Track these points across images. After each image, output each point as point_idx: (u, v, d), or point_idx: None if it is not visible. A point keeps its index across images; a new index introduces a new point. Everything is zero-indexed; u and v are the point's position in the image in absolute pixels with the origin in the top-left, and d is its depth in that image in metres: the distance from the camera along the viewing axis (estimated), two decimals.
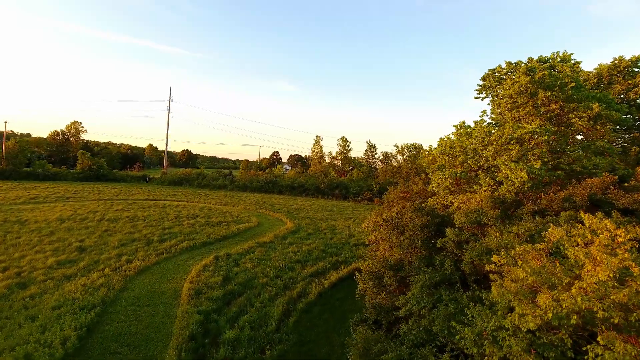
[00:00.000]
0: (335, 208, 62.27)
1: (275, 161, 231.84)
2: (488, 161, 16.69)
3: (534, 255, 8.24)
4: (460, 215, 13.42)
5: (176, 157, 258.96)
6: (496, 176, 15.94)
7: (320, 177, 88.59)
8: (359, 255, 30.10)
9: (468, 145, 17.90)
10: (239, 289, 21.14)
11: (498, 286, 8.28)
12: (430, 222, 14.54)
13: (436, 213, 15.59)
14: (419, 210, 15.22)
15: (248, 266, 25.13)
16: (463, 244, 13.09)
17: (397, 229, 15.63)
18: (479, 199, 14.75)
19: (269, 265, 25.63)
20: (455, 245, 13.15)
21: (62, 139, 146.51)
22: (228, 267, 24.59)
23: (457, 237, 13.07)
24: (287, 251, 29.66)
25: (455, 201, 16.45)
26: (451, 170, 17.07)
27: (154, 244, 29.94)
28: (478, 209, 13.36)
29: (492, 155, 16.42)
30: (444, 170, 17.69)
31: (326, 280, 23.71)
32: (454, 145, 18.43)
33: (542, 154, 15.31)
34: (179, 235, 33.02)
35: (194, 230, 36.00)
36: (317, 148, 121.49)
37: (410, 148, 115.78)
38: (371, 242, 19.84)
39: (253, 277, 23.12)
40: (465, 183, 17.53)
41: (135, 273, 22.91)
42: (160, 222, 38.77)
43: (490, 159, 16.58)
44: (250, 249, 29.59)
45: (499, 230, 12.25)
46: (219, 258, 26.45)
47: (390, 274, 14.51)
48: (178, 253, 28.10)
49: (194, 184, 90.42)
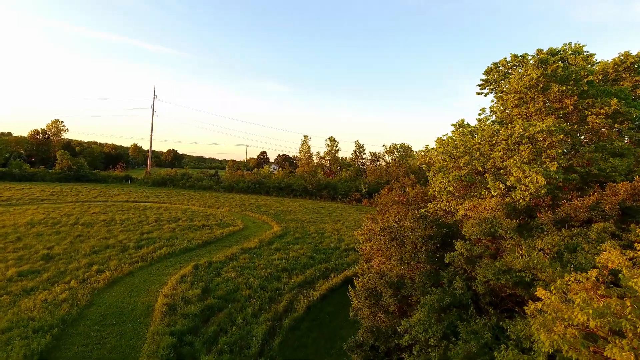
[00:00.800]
0: (323, 210, 60.41)
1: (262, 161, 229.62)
2: (496, 163, 15.00)
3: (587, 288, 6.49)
4: (471, 225, 11.67)
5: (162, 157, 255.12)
6: (506, 179, 14.27)
7: (308, 178, 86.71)
8: (350, 261, 28.37)
9: (473, 146, 16.21)
10: (219, 303, 19.16)
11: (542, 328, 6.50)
12: (435, 233, 12.78)
13: (442, 222, 13.83)
14: (422, 219, 13.44)
15: (230, 276, 23.14)
16: (476, 260, 11.35)
17: (395, 240, 13.84)
18: (488, 205, 13.04)
19: (253, 275, 23.68)
20: (466, 260, 11.40)
21: (43, 138, 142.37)
22: (208, 278, 22.58)
23: (468, 252, 11.33)
24: (273, 258, 27.73)
25: (460, 208, 14.74)
26: (455, 173, 15.33)
27: (129, 251, 27.77)
28: (491, 218, 11.64)
29: (500, 156, 14.74)
30: (447, 173, 15.96)
31: (315, 291, 21.84)
32: (457, 145, 16.71)
33: (558, 155, 13.68)
34: (157, 241, 30.87)
35: (175, 235, 33.84)
36: (305, 148, 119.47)
37: (398, 148, 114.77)
38: (365, 252, 18.01)
39: (235, 289, 21.15)
40: (470, 187, 15.83)
41: (105, 285, 20.77)
42: (139, 226, 36.53)
43: (499, 160, 14.90)
44: (233, 256, 27.58)
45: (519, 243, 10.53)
46: (199, 267, 24.42)
47: (389, 292, 12.70)
48: (155, 261, 25.98)
49: (178, 185, 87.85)
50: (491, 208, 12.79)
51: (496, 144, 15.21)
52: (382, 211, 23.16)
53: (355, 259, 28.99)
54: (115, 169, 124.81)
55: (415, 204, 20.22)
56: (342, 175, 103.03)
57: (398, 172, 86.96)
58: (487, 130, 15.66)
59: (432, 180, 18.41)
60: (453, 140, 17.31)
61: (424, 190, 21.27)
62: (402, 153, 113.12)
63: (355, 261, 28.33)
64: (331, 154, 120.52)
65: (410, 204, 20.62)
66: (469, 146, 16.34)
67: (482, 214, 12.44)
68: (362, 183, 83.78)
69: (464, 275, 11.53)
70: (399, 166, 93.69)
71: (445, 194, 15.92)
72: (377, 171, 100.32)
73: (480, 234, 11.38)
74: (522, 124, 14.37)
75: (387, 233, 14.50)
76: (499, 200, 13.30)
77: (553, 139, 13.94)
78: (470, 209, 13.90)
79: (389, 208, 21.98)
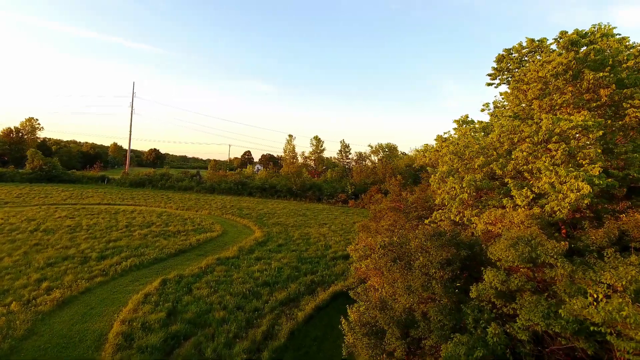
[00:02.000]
0: (308, 212, 57.60)
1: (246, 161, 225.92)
2: (518, 165, 12.45)
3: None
4: (504, 248, 9.11)
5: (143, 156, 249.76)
6: (532, 185, 11.75)
7: (292, 178, 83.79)
8: (338, 272, 25.64)
9: (487, 144, 13.65)
10: (187, 330, 16.24)
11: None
12: (454, 256, 10.18)
13: (461, 241, 11.20)
14: (437, 238, 10.81)
15: (203, 293, 20.20)
16: (514, 295, 8.77)
17: (399, 260, 11.21)
18: (517, 218, 10.51)
19: (229, 291, 20.78)
20: (498, 294, 8.81)
21: (17, 136, 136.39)
22: (177, 296, 19.62)
23: (503, 285, 8.74)
24: (253, 270, 24.84)
25: (478, 220, 12.18)
26: (469, 177, 12.74)
27: (90, 262, 24.60)
28: (526, 237, 9.10)
29: (525, 157, 12.19)
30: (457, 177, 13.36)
31: (300, 311, 19.05)
32: (468, 144, 14.14)
33: (597, 155, 11.21)
34: (124, 250, 27.71)
35: (145, 242, 30.69)
36: (289, 148, 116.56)
37: (384, 148, 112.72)
38: (360, 271, 15.24)
39: (207, 310, 18.24)
40: (484, 194, 13.31)
41: (52, 307, 17.68)
42: (107, 233, 33.24)
43: (521, 162, 12.36)
44: (208, 268, 24.61)
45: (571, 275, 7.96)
46: (167, 282, 21.42)
47: (395, 332, 10.05)
48: (119, 275, 22.89)
49: (157, 186, 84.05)
50: (521, 222, 10.25)
51: (519, 142, 12.68)
52: (375, 219, 20.52)
53: (344, 269, 26.34)
54: (92, 169, 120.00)
55: (414, 212, 17.65)
56: (328, 175, 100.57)
57: (385, 172, 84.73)
58: (508, 126, 13.06)
59: (435, 184, 15.82)
60: (464, 138, 14.74)
61: (423, 195, 18.70)
62: (387, 153, 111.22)
63: (344, 271, 25.69)
64: (316, 153, 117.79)
65: (409, 211, 18.03)
66: (483, 145, 13.77)
67: (513, 231, 9.88)
68: (348, 183, 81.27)
69: (493, 311, 8.95)
70: (386, 166, 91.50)
71: (457, 203, 13.29)
72: (364, 171, 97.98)
73: (517, 259, 8.77)
74: (550, 118, 11.83)
75: (388, 251, 11.84)
76: (529, 212, 10.74)
77: (590, 136, 11.45)
78: (492, 221, 11.34)
79: (383, 215, 19.37)
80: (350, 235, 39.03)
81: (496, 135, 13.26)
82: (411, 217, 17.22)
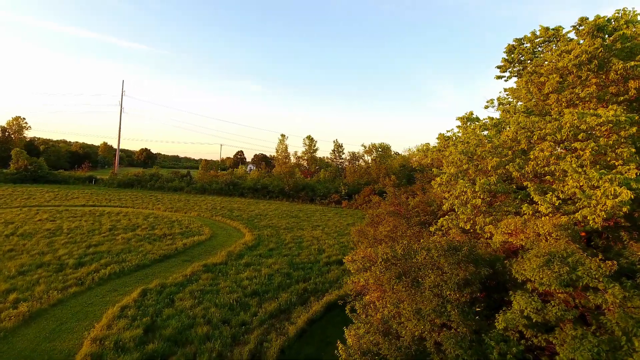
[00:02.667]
0: (301, 213, 56.01)
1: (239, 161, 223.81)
2: (538, 166, 11.00)
3: None
4: (536, 267, 7.62)
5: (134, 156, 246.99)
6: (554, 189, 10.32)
7: (285, 179, 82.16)
8: (332, 279, 24.16)
9: (501, 143, 12.20)
10: (166, 349, 14.64)
11: None
12: (473, 276, 8.69)
13: (480, 257, 9.65)
14: (452, 253, 9.27)
15: (185, 305, 18.60)
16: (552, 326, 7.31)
17: (405, 277, 9.73)
18: (544, 229, 9.06)
19: (215, 302, 19.20)
20: (530, 324, 7.34)
21: (3, 136, 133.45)
22: (157, 309, 18.00)
23: (539, 315, 7.29)
24: (242, 277, 23.25)
25: (493, 229, 10.73)
26: (483, 181, 11.28)
27: (66, 270, 22.90)
28: (560, 253, 7.64)
29: (545, 157, 10.76)
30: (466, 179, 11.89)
31: (291, 324, 17.51)
32: (480, 143, 12.69)
33: (631, 155, 9.80)
34: (105, 256, 26.01)
35: (129, 247, 28.99)
36: (282, 147, 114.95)
37: (377, 148, 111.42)
38: (358, 285, 13.67)
39: (190, 325, 16.65)
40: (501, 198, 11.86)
41: (17, 323, 16.01)
42: (88, 237, 31.48)
43: (541, 162, 10.92)
44: (193, 276, 22.99)
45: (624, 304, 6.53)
46: (147, 293, 19.78)
47: None
48: (96, 284, 21.24)
49: (146, 186, 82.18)
50: (548, 233, 8.81)
51: (538, 141, 11.25)
52: (373, 223, 19.01)
53: (339, 275, 24.88)
54: (80, 169, 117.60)
55: (416, 217, 16.21)
56: (321, 175, 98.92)
57: (379, 172, 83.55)
58: (525, 122, 11.59)
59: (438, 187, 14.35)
60: (475, 136, 13.28)
61: (426, 199, 17.23)
62: (381, 153, 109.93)
63: (339, 278, 24.23)
64: (309, 153, 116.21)
65: (410, 216, 16.57)
66: (496, 144, 12.30)
67: (542, 245, 8.42)
68: (342, 184, 79.78)
69: (521, 342, 7.50)
70: (380, 166, 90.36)
71: (469, 209, 11.81)
72: (357, 171, 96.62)
73: (555, 282, 7.31)
74: (575, 112, 10.40)
75: (392, 265, 10.34)
76: (556, 221, 9.29)
77: (621, 133, 10.03)
78: (512, 232, 9.88)
79: (382, 220, 17.89)
80: (345, 238, 37.57)
81: (512, 132, 11.81)
82: (413, 222, 15.78)
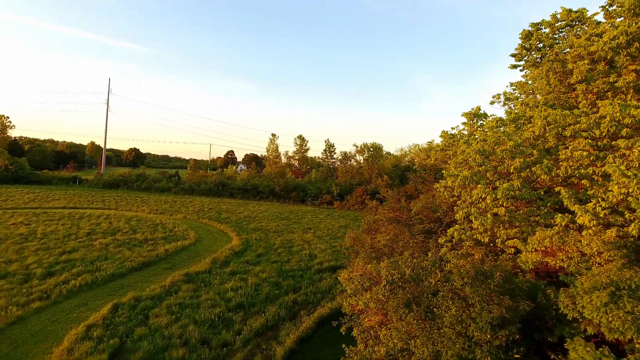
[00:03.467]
0: (292, 215, 54.09)
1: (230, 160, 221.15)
2: (571, 166, 9.27)
3: None
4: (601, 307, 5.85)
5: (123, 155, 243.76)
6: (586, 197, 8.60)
7: (276, 179, 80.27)
8: (324, 289, 22.37)
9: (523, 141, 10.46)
10: None
11: None
12: (511, 314, 6.86)
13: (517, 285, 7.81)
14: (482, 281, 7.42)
15: (161, 322, 16.66)
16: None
17: (416, 306, 7.93)
18: (591, 247, 7.30)
19: (194, 318, 17.28)
20: None
21: None
22: (128, 327, 16.05)
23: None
24: (226, 288, 21.33)
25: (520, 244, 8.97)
26: (506, 186, 9.49)
27: (32, 281, 20.84)
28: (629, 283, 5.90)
29: (580, 156, 9.03)
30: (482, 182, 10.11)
31: (279, 344, 15.64)
32: (500, 141, 10.91)
33: None
34: (78, 265, 23.95)
35: (106, 253, 26.94)
36: (272, 147, 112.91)
37: (369, 148, 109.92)
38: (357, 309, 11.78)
39: (164, 347, 14.71)
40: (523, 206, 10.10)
41: None
42: (63, 243, 29.36)
43: (575, 163, 9.20)
44: (173, 287, 21.04)
45: None
46: (119, 308, 17.81)
47: None
48: (64, 297, 19.24)
49: (132, 187, 79.70)
50: (598, 253, 7.07)
51: (570, 138, 9.53)
52: (370, 230, 17.22)
53: (331, 284, 23.12)
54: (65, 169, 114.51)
55: (419, 224, 14.44)
56: (312, 175, 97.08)
57: (371, 172, 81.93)
58: (555, 116, 9.82)
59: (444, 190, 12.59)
60: (493, 133, 11.50)
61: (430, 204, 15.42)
62: (373, 153, 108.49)
63: (332, 288, 22.46)
64: (300, 153, 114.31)
65: (413, 223, 14.78)
66: (518, 142, 10.53)
67: (596, 271, 6.66)
68: (334, 184, 77.93)
69: None
70: (372, 166, 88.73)
71: (489, 219, 10.00)
72: (349, 171, 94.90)
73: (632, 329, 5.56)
74: (616, 104, 8.68)
75: (398, 289, 8.53)
76: (605, 237, 7.55)
77: None
78: (548, 249, 8.13)
79: (380, 226, 16.12)
80: (337, 241, 35.80)
81: (538, 128, 10.07)
82: (416, 231, 14.03)
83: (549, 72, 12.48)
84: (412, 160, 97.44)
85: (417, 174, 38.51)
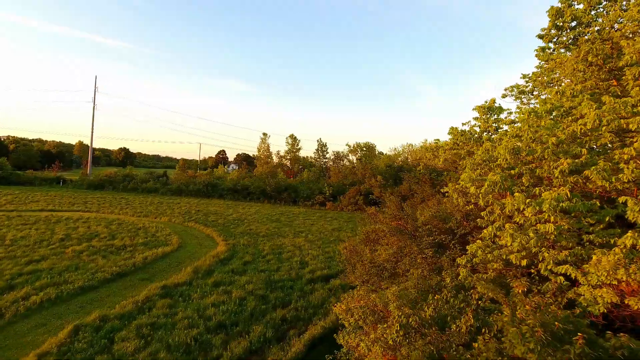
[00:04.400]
0: (283, 217, 51.90)
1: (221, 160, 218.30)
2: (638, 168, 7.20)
3: None
4: None
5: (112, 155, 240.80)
6: None
7: (267, 179, 78.01)
8: (317, 303, 20.22)
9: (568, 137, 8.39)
10: None
11: None
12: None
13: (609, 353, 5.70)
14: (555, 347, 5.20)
15: (127, 349, 14.40)
16: None
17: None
18: None
19: (167, 342, 15.03)
20: None
21: None
22: (87, 356, 13.76)
23: None
24: (207, 303, 19.09)
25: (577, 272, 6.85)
26: (554, 195, 7.38)
27: None
28: None
29: None
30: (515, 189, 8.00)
31: None
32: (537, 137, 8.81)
33: None
34: (44, 276, 21.58)
35: (77, 263, 24.57)
36: (264, 147, 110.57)
37: (362, 147, 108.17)
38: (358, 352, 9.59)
39: None
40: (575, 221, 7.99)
41: None
42: (32, 250, 26.93)
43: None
44: (147, 302, 18.77)
45: None
46: (80, 330, 15.51)
47: None
48: (20, 316, 16.91)
49: (118, 188, 77.08)
50: None
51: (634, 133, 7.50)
52: (368, 241, 15.10)
53: (324, 297, 21.02)
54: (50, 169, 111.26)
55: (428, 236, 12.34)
56: (304, 176, 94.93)
57: (364, 172, 79.91)
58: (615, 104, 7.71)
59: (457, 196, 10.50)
60: (529, 127, 9.36)
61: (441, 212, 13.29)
62: (366, 152, 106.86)
63: (324, 302, 20.33)
64: (292, 153, 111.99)
65: (421, 235, 12.68)
66: (562, 138, 8.43)
67: None
68: (326, 184, 75.80)
69: None
70: (365, 166, 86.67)
71: (533, 239, 7.83)
72: (342, 172, 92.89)
73: None
74: None
75: (416, 334, 6.40)
76: None
77: None
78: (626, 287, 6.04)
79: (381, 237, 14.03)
80: (330, 247, 33.67)
81: (591, 120, 7.97)
82: (424, 244, 11.95)
83: (589, 54, 10.45)
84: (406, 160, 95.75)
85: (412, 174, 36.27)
